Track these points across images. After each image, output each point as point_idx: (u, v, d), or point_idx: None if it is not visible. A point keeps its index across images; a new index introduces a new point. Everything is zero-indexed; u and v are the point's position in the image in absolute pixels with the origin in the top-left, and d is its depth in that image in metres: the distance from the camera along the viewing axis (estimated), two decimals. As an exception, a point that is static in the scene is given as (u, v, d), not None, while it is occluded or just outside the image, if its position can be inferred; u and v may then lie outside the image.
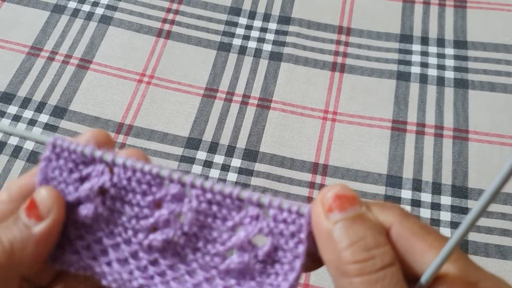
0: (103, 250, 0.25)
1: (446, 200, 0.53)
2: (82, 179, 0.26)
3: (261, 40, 0.64)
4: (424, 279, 0.22)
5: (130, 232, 0.25)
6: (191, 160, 0.55)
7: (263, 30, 0.65)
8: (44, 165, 0.25)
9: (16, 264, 0.23)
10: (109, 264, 0.25)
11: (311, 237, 0.24)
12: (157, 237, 0.25)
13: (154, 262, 0.25)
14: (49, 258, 0.26)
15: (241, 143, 0.57)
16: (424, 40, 0.64)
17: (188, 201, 0.25)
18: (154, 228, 0.26)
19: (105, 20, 0.65)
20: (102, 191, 0.26)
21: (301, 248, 0.24)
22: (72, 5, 0.66)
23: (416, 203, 0.53)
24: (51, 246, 0.25)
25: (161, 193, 0.25)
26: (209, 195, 0.25)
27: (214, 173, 0.55)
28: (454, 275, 0.22)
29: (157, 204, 0.25)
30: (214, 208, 0.25)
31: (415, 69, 0.61)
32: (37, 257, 0.24)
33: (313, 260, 0.25)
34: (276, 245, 0.24)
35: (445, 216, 0.52)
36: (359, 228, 0.22)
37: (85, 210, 0.25)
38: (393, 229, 0.23)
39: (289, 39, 0.64)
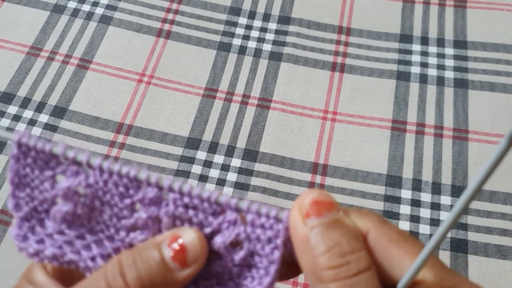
0: (86, 245, 0.25)
1: (446, 200, 0.53)
2: (55, 177, 0.25)
3: (261, 40, 0.64)
4: (400, 285, 0.22)
5: (112, 230, 0.25)
6: (191, 160, 0.55)
7: (263, 30, 0.65)
8: (13, 163, 0.25)
9: None
10: (93, 259, 0.25)
11: (289, 243, 0.24)
12: (137, 237, 0.25)
13: None
14: (30, 254, 0.26)
15: (241, 143, 0.57)
16: (424, 40, 0.64)
17: (165, 204, 0.24)
18: (135, 227, 0.26)
19: (105, 20, 0.65)
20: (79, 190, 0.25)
21: (277, 254, 0.24)
22: (72, 5, 0.66)
23: (416, 203, 0.53)
24: None
25: (139, 196, 0.25)
26: (186, 199, 0.24)
27: (214, 173, 0.55)
28: (431, 281, 0.22)
29: (135, 206, 0.25)
30: (191, 212, 0.24)
31: (415, 69, 0.61)
32: None
33: (290, 267, 0.25)
34: (252, 250, 0.24)
35: (445, 216, 0.52)
36: (335, 234, 0.22)
37: (65, 207, 0.25)
38: (370, 235, 0.23)
39: (289, 39, 0.64)
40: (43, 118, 0.58)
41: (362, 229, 0.23)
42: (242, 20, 0.66)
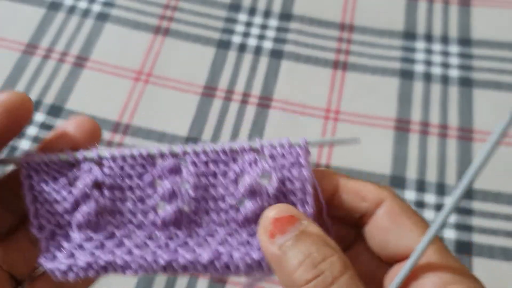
0: (118, 243, 0.26)
1: (450, 201, 0.53)
2: (71, 182, 0.26)
3: (261, 37, 0.64)
4: (409, 264, 0.24)
5: (140, 216, 0.26)
6: (190, 160, 0.55)
7: (264, 27, 0.64)
8: (27, 185, 0.26)
9: None
10: (129, 252, 0.26)
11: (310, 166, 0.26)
12: (168, 210, 0.26)
13: (172, 237, 0.26)
14: (62, 271, 0.25)
15: (241, 143, 0.56)
16: (428, 38, 0.63)
17: (185, 169, 0.26)
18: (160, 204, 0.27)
19: (102, 17, 0.65)
20: (97, 185, 0.26)
21: (305, 172, 0.25)
22: (68, 2, 0.66)
23: (420, 204, 0.53)
24: None
25: (158, 170, 0.26)
26: (203, 157, 0.26)
27: (213, 173, 0.54)
28: (436, 258, 0.25)
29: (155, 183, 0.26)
30: (212, 166, 0.26)
31: (419, 67, 0.61)
32: None
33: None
34: (281, 178, 0.26)
35: (449, 217, 0.52)
36: (303, 246, 0.23)
37: (86, 207, 0.26)
38: (386, 203, 0.26)
39: (290, 36, 0.63)
40: (39, 117, 0.57)
41: (379, 197, 0.26)
42: (242, 17, 0.65)
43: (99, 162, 0.26)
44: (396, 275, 0.24)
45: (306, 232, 0.23)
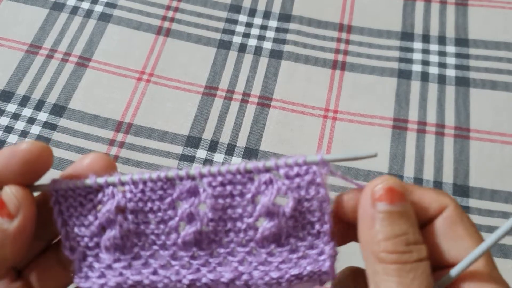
0: (144, 263, 0.27)
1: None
2: (96, 206, 0.27)
3: (261, 38, 0.64)
4: (459, 268, 0.24)
5: (162, 237, 0.27)
6: (191, 159, 0.55)
7: (263, 27, 0.65)
8: (56, 209, 0.27)
9: None
10: (155, 273, 0.26)
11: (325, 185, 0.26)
12: (187, 231, 0.26)
13: (194, 256, 0.27)
14: None
15: (241, 142, 0.56)
16: (425, 38, 0.63)
17: (202, 190, 0.26)
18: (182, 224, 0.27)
19: (104, 18, 0.65)
20: (120, 209, 0.27)
21: (323, 191, 0.26)
22: (71, 2, 0.66)
23: (417, 201, 0.53)
24: (28, 240, 0.26)
25: (177, 192, 0.26)
26: (219, 178, 0.26)
27: (214, 171, 0.54)
28: (483, 267, 0.25)
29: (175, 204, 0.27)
30: (229, 187, 0.26)
31: (416, 67, 0.61)
32: (17, 252, 0.25)
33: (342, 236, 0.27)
34: (298, 197, 0.26)
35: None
36: (404, 224, 0.24)
37: (112, 231, 0.26)
38: (447, 210, 0.26)
39: (289, 36, 0.64)
40: (42, 116, 0.58)
41: (441, 203, 0.26)
42: (243, 18, 0.65)
43: (121, 186, 0.26)
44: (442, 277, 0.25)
45: (409, 213, 0.24)
